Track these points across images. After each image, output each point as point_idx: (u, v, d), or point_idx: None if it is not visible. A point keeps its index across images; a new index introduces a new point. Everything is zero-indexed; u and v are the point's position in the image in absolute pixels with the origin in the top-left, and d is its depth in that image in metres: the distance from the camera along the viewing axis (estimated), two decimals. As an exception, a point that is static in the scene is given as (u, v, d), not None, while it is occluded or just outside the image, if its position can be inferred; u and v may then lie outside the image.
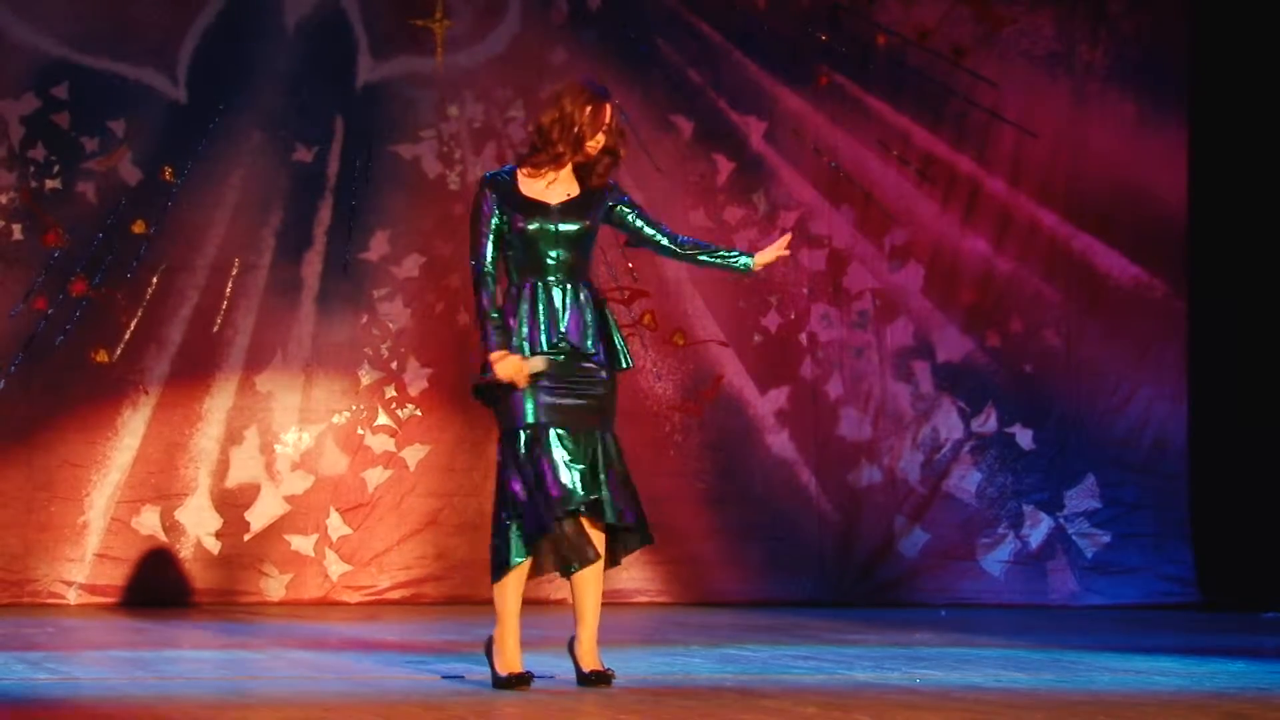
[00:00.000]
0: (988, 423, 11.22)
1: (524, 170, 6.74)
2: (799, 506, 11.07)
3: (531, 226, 6.66)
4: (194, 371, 10.58)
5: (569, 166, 6.74)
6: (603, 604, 10.86)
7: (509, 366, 6.60)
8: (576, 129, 6.65)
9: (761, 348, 11.12)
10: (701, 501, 10.98)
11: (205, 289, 10.62)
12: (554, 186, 6.73)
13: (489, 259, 6.68)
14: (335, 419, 10.71)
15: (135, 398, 10.51)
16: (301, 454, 10.66)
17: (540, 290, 6.66)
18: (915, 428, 11.19)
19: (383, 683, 6.92)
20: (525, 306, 6.65)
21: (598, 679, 6.67)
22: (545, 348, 6.62)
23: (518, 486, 6.59)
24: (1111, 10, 11.36)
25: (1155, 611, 10.87)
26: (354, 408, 10.71)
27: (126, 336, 10.53)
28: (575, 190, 6.74)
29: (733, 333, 11.10)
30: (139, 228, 10.58)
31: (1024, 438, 11.22)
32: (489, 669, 6.67)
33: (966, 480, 11.18)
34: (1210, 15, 11.27)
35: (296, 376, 10.67)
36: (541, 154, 6.70)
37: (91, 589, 10.38)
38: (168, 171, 10.63)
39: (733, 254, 7.09)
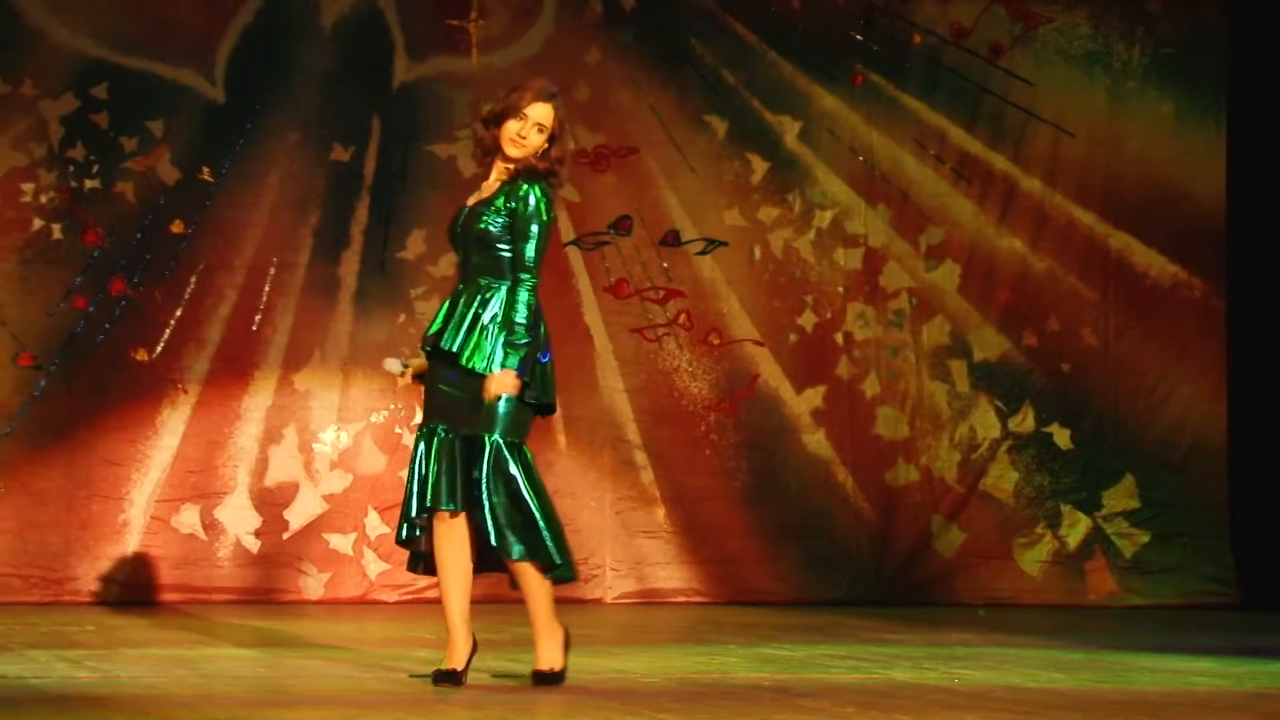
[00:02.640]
0: (1025, 422, 11.20)
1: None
2: (835, 505, 11.06)
3: (451, 227, 6.75)
4: (233, 370, 10.62)
5: (500, 177, 6.70)
6: (638, 603, 10.94)
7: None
8: (503, 105, 6.65)
9: (797, 347, 11.12)
10: (738, 501, 10.99)
11: (243, 288, 10.66)
12: (483, 191, 6.76)
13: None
14: (373, 418, 10.74)
15: (174, 396, 10.55)
16: (340, 453, 10.69)
17: (454, 290, 6.73)
18: (952, 427, 11.17)
19: (421, 681, 6.93)
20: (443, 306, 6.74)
21: (543, 679, 6.63)
22: (424, 346, 6.69)
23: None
24: (1149, 9, 11.33)
25: (1194, 611, 10.83)
26: (392, 407, 10.74)
27: (166, 335, 10.57)
28: (490, 191, 6.72)
29: (768, 332, 11.10)
30: (178, 227, 10.62)
31: (1062, 437, 11.20)
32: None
33: (1004, 479, 11.16)
34: (1248, 14, 11.23)
35: (334, 375, 10.70)
36: (474, 150, 6.78)
37: (131, 587, 10.42)
38: (206, 171, 10.67)
39: (500, 346, 6.63)
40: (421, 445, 6.69)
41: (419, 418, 10.67)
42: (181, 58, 10.63)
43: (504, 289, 6.63)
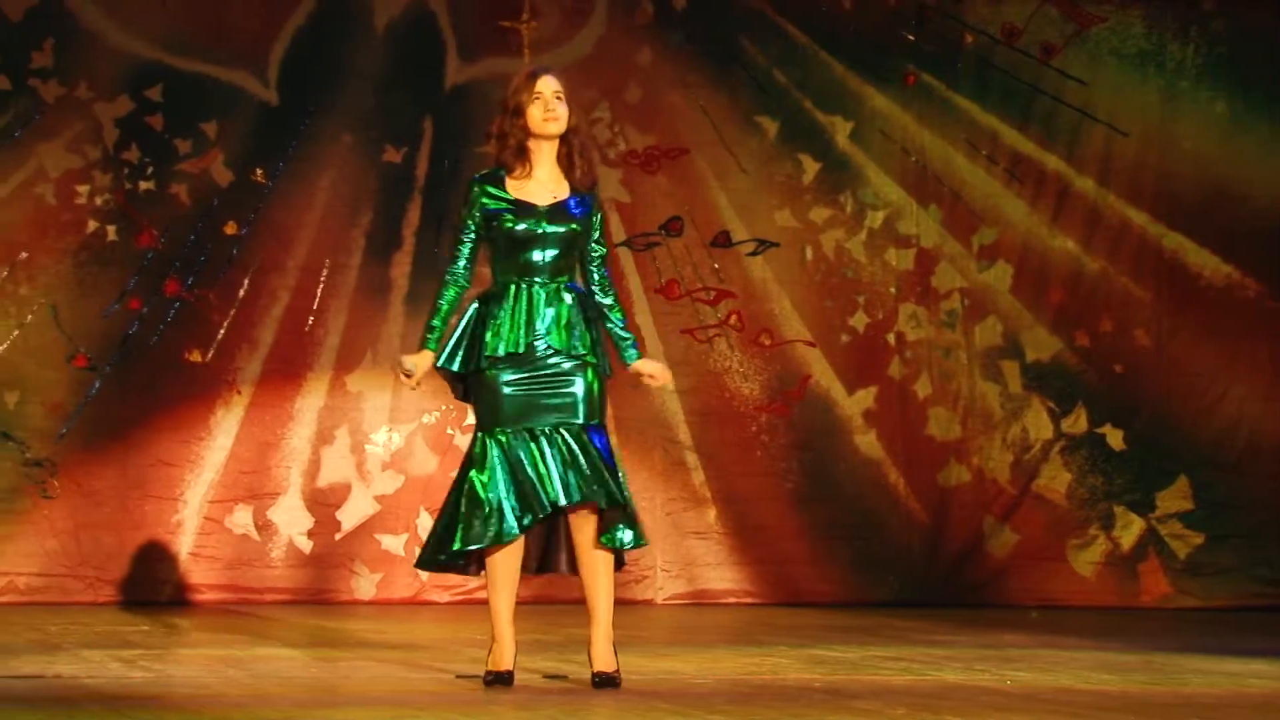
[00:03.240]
0: (1078, 423, 11.16)
1: (509, 175, 6.76)
2: (887, 506, 11.04)
3: (520, 227, 6.68)
4: (285, 371, 10.67)
5: (553, 165, 6.72)
6: (689, 604, 10.94)
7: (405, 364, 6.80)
8: (511, 103, 6.68)
9: (849, 348, 11.10)
10: (789, 501, 10.98)
11: (296, 289, 10.70)
12: (541, 186, 6.74)
13: (463, 260, 6.77)
14: (425, 419, 10.77)
15: (228, 397, 10.60)
16: (392, 454, 10.72)
17: (527, 292, 6.68)
18: (1004, 427, 11.14)
19: (472, 682, 6.95)
20: (507, 305, 6.67)
21: (602, 681, 6.62)
22: (521, 349, 6.64)
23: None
24: (1203, 8, 11.27)
25: (1248, 613, 10.78)
26: (443, 408, 10.76)
27: (219, 336, 10.63)
28: (565, 192, 6.74)
29: (820, 333, 11.08)
30: (231, 229, 10.68)
31: (1115, 438, 11.16)
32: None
33: (1056, 481, 11.12)
34: (1303, 12, 11.18)
35: (386, 376, 10.73)
36: (504, 152, 6.72)
37: (185, 587, 10.47)
38: (259, 173, 10.72)
39: (626, 338, 6.84)
40: (521, 449, 6.63)
41: (471, 419, 10.76)
42: (235, 60, 10.68)
43: (577, 285, 6.72)
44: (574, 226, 6.72)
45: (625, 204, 10.98)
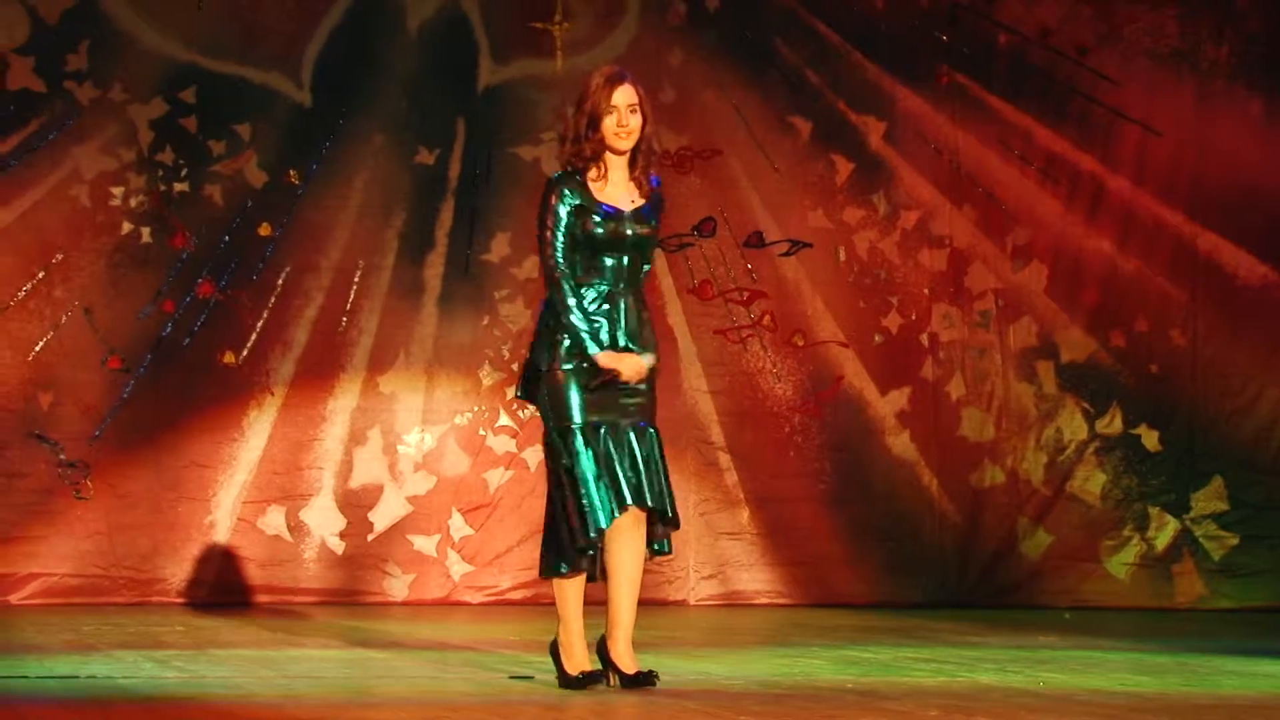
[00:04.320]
0: (1112, 423, 11.12)
1: (587, 177, 6.73)
2: (920, 507, 11.02)
3: (608, 229, 6.67)
4: (318, 372, 10.69)
5: (625, 169, 6.71)
6: (722, 605, 10.94)
7: (631, 364, 6.64)
8: (588, 108, 6.65)
9: (882, 348, 11.08)
10: (822, 502, 10.96)
11: (329, 290, 10.72)
12: (620, 191, 6.73)
13: (564, 256, 6.68)
14: (457, 420, 10.78)
15: (261, 398, 10.63)
16: (424, 455, 10.73)
17: (610, 295, 6.67)
18: (1038, 428, 11.11)
19: (504, 683, 6.96)
20: (602, 309, 6.67)
21: (644, 680, 6.62)
22: (618, 349, 6.65)
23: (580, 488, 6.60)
24: (1237, 7, 11.23)
25: (1284, 615, 10.74)
26: (475, 408, 10.77)
27: (252, 338, 10.65)
28: (641, 198, 6.74)
29: (853, 333, 11.07)
30: (265, 230, 10.70)
31: (1149, 439, 11.12)
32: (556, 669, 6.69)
33: (1091, 482, 11.09)
34: (1339, 11, 11.13)
35: (419, 377, 10.75)
36: (577, 158, 6.69)
37: (218, 588, 10.50)
38: (293, 174, 10.74)
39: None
40: (608, 445, 6.65)
41: (503, 420, 10.80)
42: (269, 62, 10.70)
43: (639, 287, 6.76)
44: (651, 233, 6.76)
45: (658, 205, 10.97)
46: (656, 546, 6.73)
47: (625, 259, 6.70)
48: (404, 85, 10.82)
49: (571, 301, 6.63)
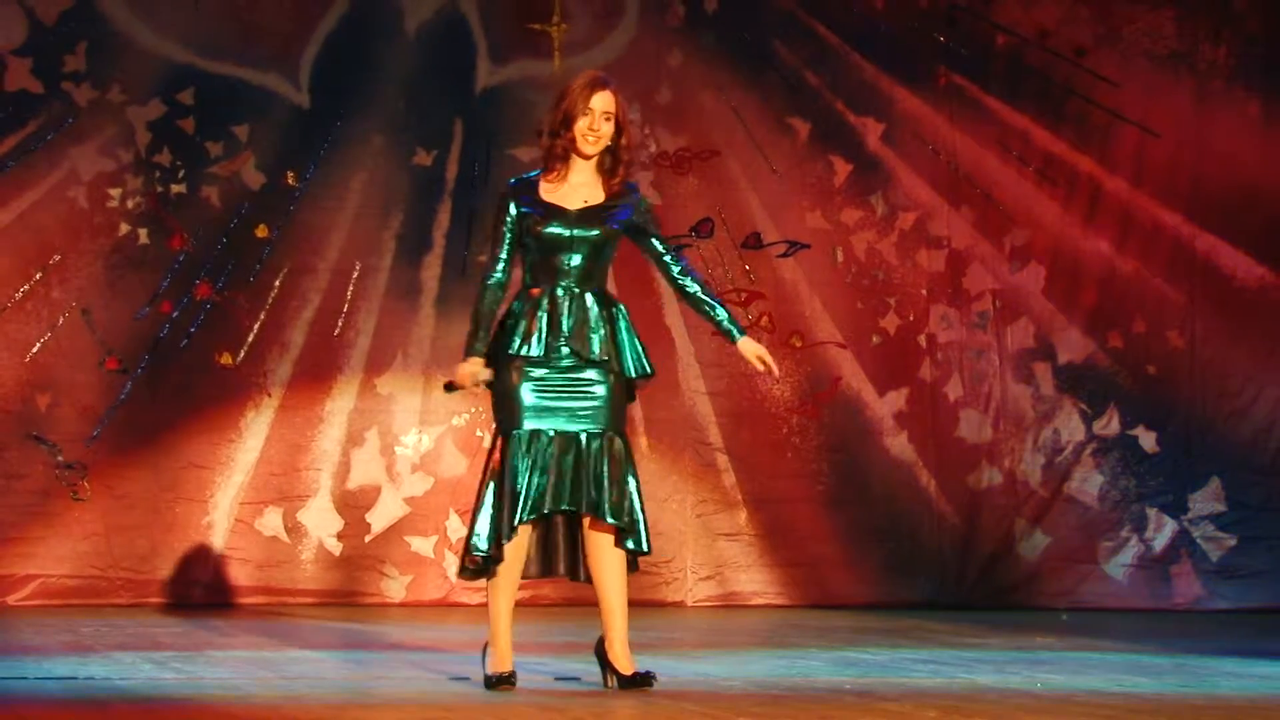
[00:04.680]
0: (1110, 425, 11.13)
1: (545, 177, 6.76)
2: (918, 508, 11.02)
3: (549, 231, 6.68)
4: (316, 374, 10.69)
5: (591, 172, 6.73)
6: (719, 606, 10.93)
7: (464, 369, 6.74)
8: (564, 106, 6.66)
9: (880, 349, 11.08)
10: (820, 503, 10.96)
11: (327, 292, 10.72)
12: (574, 191, 6.73)
13: (501, 265, 6.73)
14: (454, 421, 10.78)
15: (258, 400, 10.63)
16: (421, 456, 10.73)
17: (553, 295, 6.68)
18: (1036, 430, 11.11)
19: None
20: (541, 310, 6.67)
21: (641, 681, 6.62)
22: (543, 351, 6.65)
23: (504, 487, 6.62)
24: (1235, 8, 11.23)
25: (1281, 616, 10.74)
26: (473, 410, 10.77)
27: (250, 339, 10.65)
28: (598, 197, 6.74)
29: (851, 334, 11.07)
30: (262, 231, 10.70)
31: (1147, 440, 11.12)
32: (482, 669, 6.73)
33: (1088, 483, 11.09)
34: (1337, 12, 11.13)
35: (416, 379, 10.75)
36: (547, 152, 6.73)
37: (215, 589, 10.50)
38: (290, 176, 10.74)
39: (725, 319, 6.88)
40: (538, 450, 6.66)
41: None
42: (266, 63, 10.70)
43: (601, 290, 6.72)
44: (601, 232, 6.71)
45: (656, 206, 10.95)
46: (631, 544, 6.68)
47: (576, 258, 6.70)
48: (402, 86, 10.82)
49: (481, 308, 6.77)
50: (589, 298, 6.71)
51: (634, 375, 6.75)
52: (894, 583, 10.93)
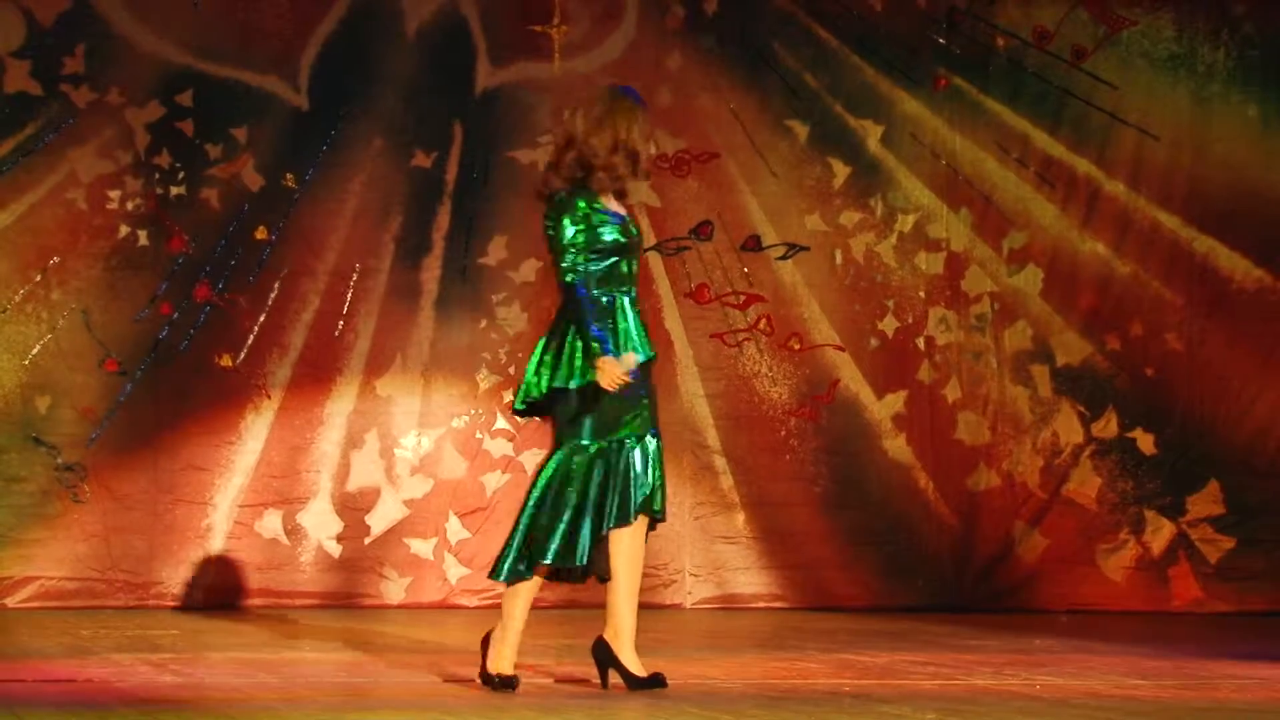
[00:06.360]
0: (1108, 427, 11.13)
1: (594, 189, 6.82)
2: (916, 511, 11.03)
3: (625, 239, 6.78)
4: (315, 376, 10.69)
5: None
6: (718, 608, 10.94)
7: (617, 369, 6.68)
8: (629, 142, 6.78)
9: (878, 352, 11.09)
10: (818, 506, 10.97)
11: (326, 294, 10.73)
12: (613, 202, 6.86)
13: (587, 270, 6.75)
14: (454, 423, 10.79)
15: (258, 401, 10.63)
16: (421, 458, 10.74)
17: (624, 301, 6.76)
18: (1034, 432, 11.12)
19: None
20: (623, 316, 6.74)
21: (654, 683, 6.69)
22: (645, 356, 6.78)
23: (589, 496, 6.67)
24: (1234, 11, 11.24)
25: (1280, 618, 10.75)
26: (472, 412, 10.78)
27: (249, 341, 10.65)
28: (623, 208, 6.92)
29: (849, 337, 11.07)
30: (261, 233, 10.71)
31: (1145, 442, 11.12)
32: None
33: (1087, 485, 11.09)
34: (1334, 14, 11.14)
35: (416, 381, 10.76)
36: (603, 178, 6.78)
37: (215, 591, 10.50)
38: (290, 177, 10.75)
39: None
40: (636, 453, 6.74)
41: (500, 423, 10.80)
42: (266, 65, 10.71)
43: None
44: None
45: (655, 208, 10.99)
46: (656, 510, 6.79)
47: (633, 265, 6.83)
48: (401, 88, 10.83)
49: (596, 308, 6.73)
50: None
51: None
52: (892, 585, 10.94)
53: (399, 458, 10.72)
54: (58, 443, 10.45)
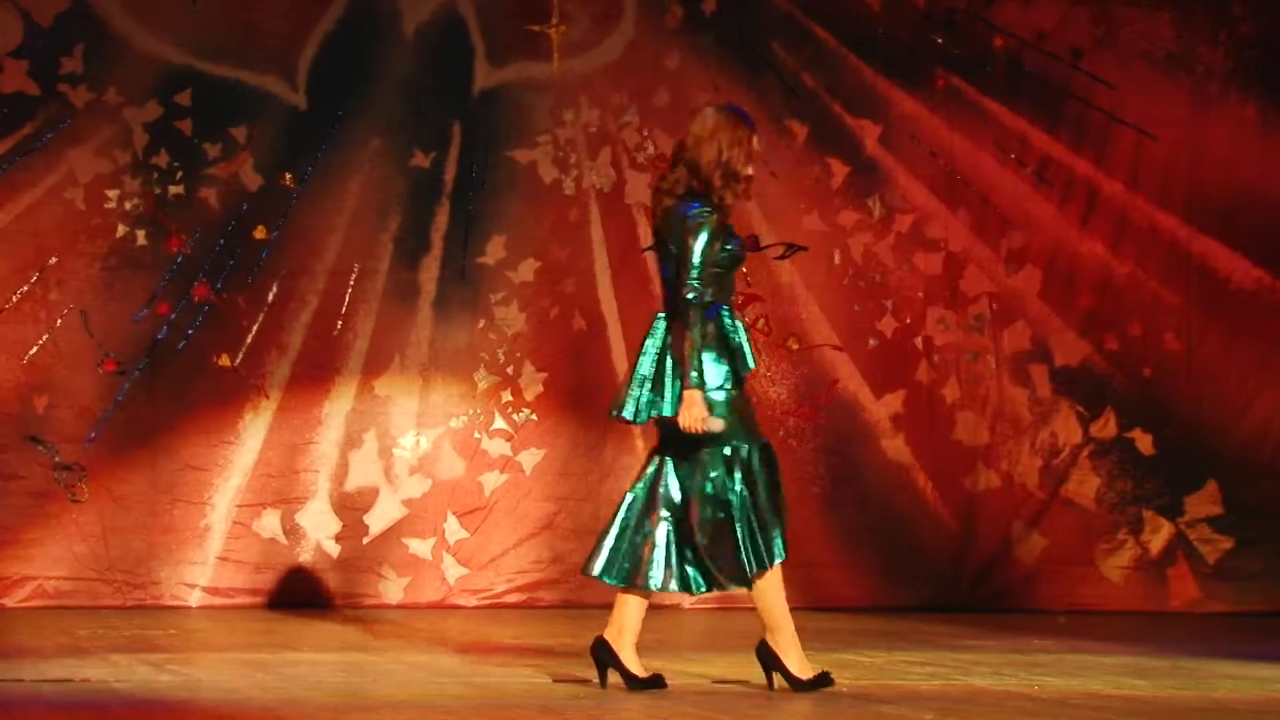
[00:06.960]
0: (1107, 427, 11.13)
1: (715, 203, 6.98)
2: (915, 511, 11.02)
3: (740, 254, 7.00)
4: (314, 375, 10.69)
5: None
6: (717, 608, 10.96)
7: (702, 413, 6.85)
8: (741, 167, 7.04)
9: (877, 352, 11.09)
10: (816, 506, 10.96)
11: (325, 294, 10.72)
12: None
13: (706, 286, 6.88)
14: (452, 423, 10.78)
15: (256, 401, 10.63)
16: (419, 458, 10.73)
17: (731, 313, 6.96)
18: (1033, 432, 11.12)
19: (500, 686, 6.96)
20: (733, 330, 6.95)
21: (654, 683, 6.76)
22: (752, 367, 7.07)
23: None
24: (1233, 11, 11.24)
25: (1278, 618, 10.73)
26: (471, 412, 10.78)
27: (248, 341, 10.65)
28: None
29: (847, 337, 11.07)
30: (260, 233, 10.70)
31: (1144, 442, 11.12)
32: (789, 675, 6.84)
33: (1085, 485, 11.09)
34: (1333, 14, 11.14)
35: (414, 381, 10.75)
36: (712, 196, 6.97)
37: (213, 591, 10.50)
38: (288, 177, 10.74)
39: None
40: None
41: (498, 423, 10.80)
42: (264, 64, 10.70)
43: None
44: None
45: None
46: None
47: (734, 275, 7.05)
48: (400, 88, 10.82)
49: (728, 323, 6.94)
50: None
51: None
52: (891, 585, 10.93)
53: (397, 458, 10.72)
54: (56, 442, 10.44)
